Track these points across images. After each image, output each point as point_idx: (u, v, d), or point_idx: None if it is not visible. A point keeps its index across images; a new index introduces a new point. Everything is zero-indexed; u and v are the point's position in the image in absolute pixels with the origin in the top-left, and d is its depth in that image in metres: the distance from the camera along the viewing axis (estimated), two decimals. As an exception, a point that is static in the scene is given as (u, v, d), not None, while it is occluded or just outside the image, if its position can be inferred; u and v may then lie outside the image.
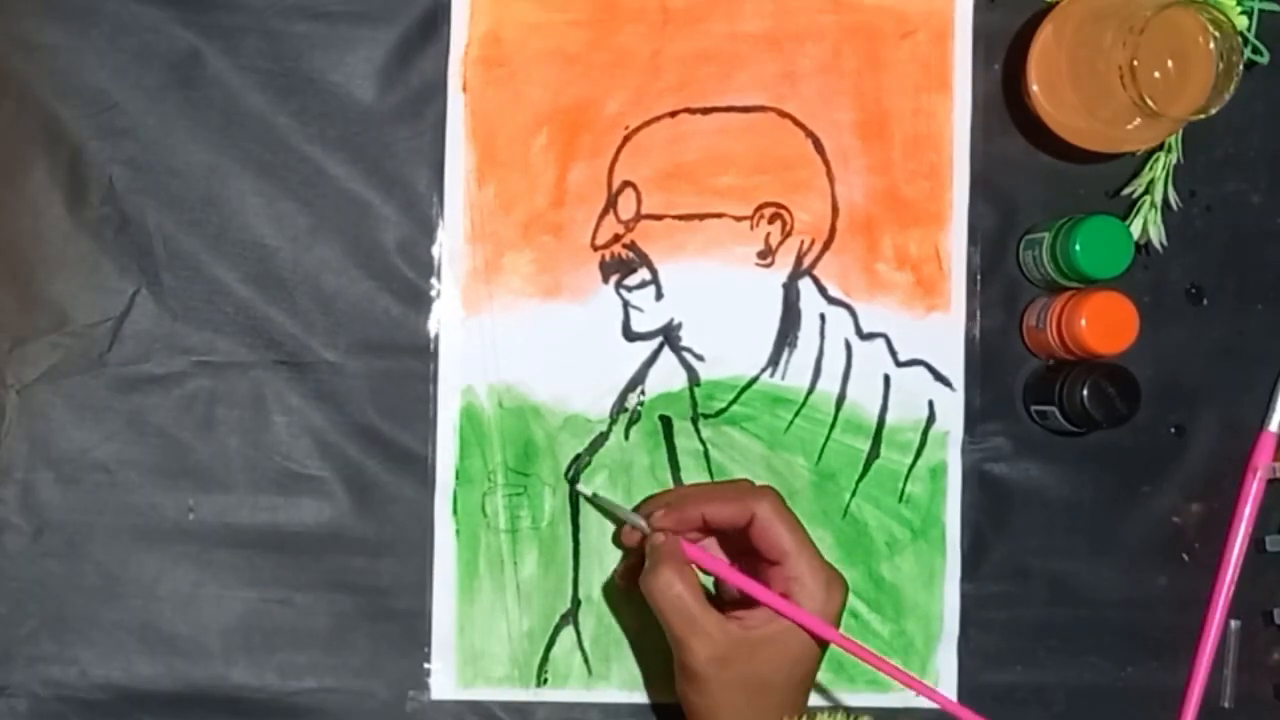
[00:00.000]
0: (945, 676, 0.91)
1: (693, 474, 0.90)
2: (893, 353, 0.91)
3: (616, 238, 0.91)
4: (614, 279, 0.90)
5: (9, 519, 0.88)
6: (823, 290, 0.91)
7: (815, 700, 0.90)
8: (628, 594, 0.89)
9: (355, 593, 0.89)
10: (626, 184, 0.90)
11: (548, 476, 0.90)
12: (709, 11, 0.91)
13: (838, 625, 0.83)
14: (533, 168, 0.90)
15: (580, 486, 0.90)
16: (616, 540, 0.90)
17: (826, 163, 0.91)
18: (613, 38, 0.91)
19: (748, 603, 0.83)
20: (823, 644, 0.83)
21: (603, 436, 0.90)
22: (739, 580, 0.84)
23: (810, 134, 0.91)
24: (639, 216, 0.90)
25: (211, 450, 0.89)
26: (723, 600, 0.87)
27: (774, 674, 0.82)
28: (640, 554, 0.86)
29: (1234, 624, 0.92)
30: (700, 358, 0.91)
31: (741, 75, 0.91)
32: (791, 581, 0.82)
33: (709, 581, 0.89)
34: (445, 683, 0.89)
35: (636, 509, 0.89)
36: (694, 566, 0.85)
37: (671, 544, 0.85)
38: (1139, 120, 0.86)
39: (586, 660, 0.90)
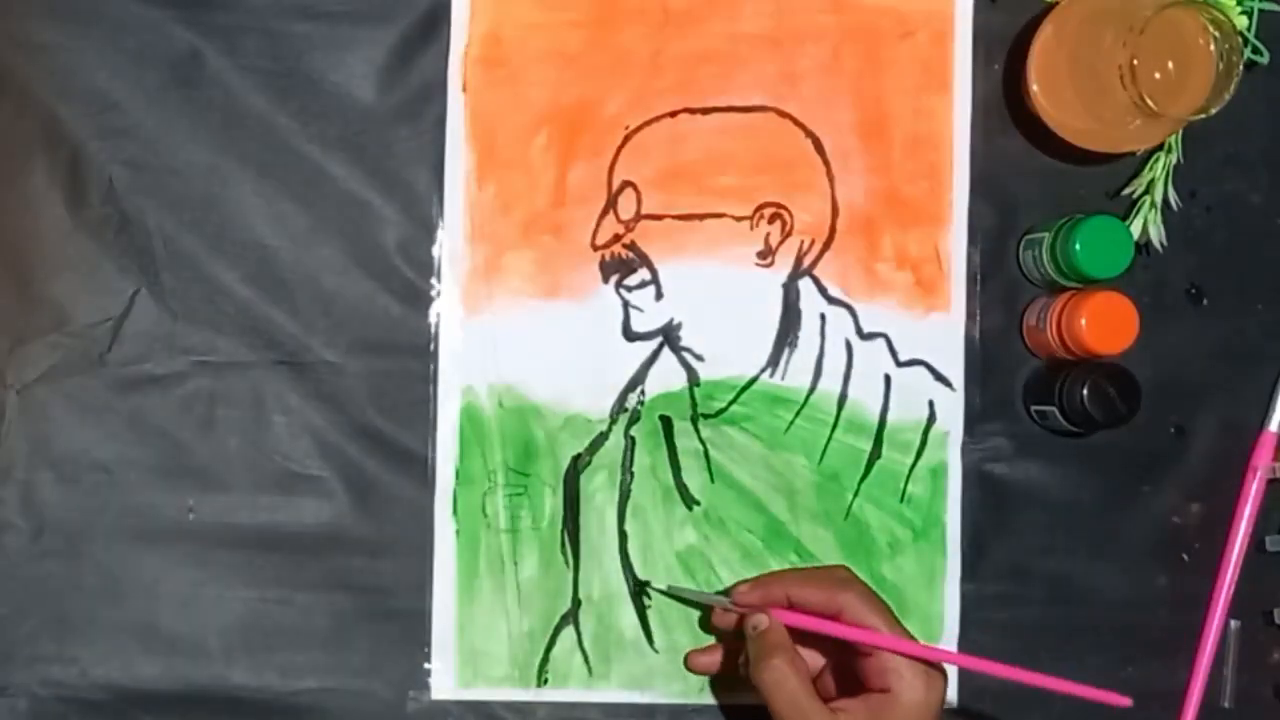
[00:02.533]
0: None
1: (693, 474, 0.90)
2: (893, 353, 0.91)
3: (616, 238, 0.91)
4: (614, 279, 0.90)
5: (9, 519, 0.88)
6: (823, 290, 0.91)
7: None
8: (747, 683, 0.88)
9: (355, 593, 0.89)
10: (626, 184, 0.90)
11: (548, 476, 0.90)
12: (709, 11, 0.91)
13: (938, 716, 0.81)
14: (533, 168, 0.90)
15: (654, 585, 0.90)
16: (704, 626, 0.90)
17: (826, 163, 0.91)
18: (613, 38, 0.91)
19: (843, 693, 0.82)
20: None
21: (603, 436, 0.90)
22: (861, 635, 0.82)
23: (810, 134, 0.91)
24: (639, 216, 0.90)
25: (211, 450, 0.89)
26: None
27: None
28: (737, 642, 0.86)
29: (1234, 624, 0.92)
30: (700, 358, 0.91)
31: (741, 75, 0.91)
32: (889, 673, 0.80)
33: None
34: (445, 683, 0.89)
35: (722, 594, 0.88)
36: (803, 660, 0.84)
37: (777, 632, 0.83)
38: (1139, 120, 0.86)
39: (586, 660, 0.90)
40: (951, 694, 0.91)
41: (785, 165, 0.91)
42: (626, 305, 0.90)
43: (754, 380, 0.91)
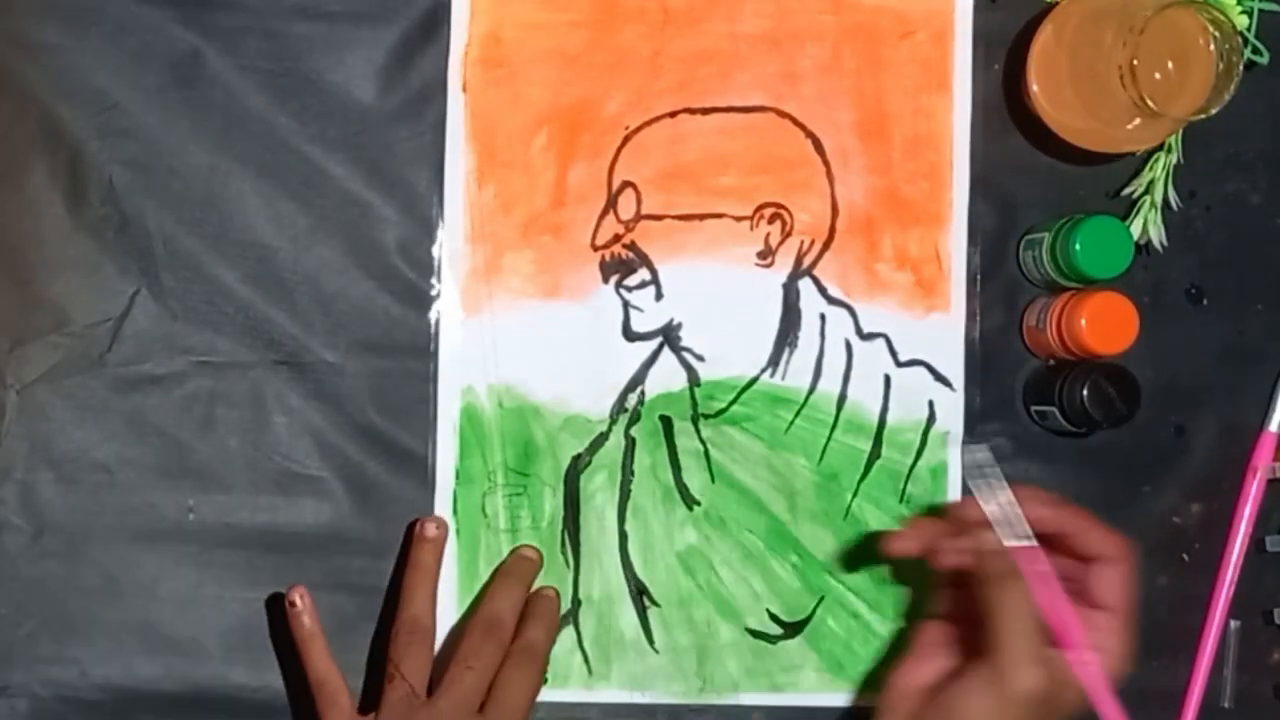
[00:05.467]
0: (945, 676, 0.91)
1: (693, 474, 0.90)
2: (893, 353, 0.91)
3: (616, 238, 0.91)
4: (614, 279, 0.90)
5: (9, 519, 0.88)
6: (823, 290, 0.91)
7: (811, 701, 0.90)
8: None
9: (355, 593, 0.89)
10: (626, 184, 0.90)
11: (548, 476, 0.90)
12: (709, 11, 0.91)
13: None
14: (533, 168, 0.90)
15: (977, 452, 0.86)
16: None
17: (826, 163, 0.91)
18: (613, 38, 0.91)
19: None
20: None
21: (603, 436, 0.90)
22: (1067, 614, 0.80)
23: (810, 134, 0.91)
24: (639, 216, 0.91)
25: (211, 450, 0.89)
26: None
27: None
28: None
29: (1234, 624, 0.92)
30: (700, 358, 0.91)
31: (741, 75, 0.91)
32: (1099, 633, 0.80)
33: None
34: (445, 683, 0.89)
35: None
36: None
37: (1035, 558, 0.80)
38: (1139, 120, 0.86)
39: (586, 660, 0.90)
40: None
41: (785, 165, 0.91)
42: (626, 305, 0.90)
43: (754, 380, 0.91)
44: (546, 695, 0.89)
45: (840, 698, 0.90)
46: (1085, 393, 0.87)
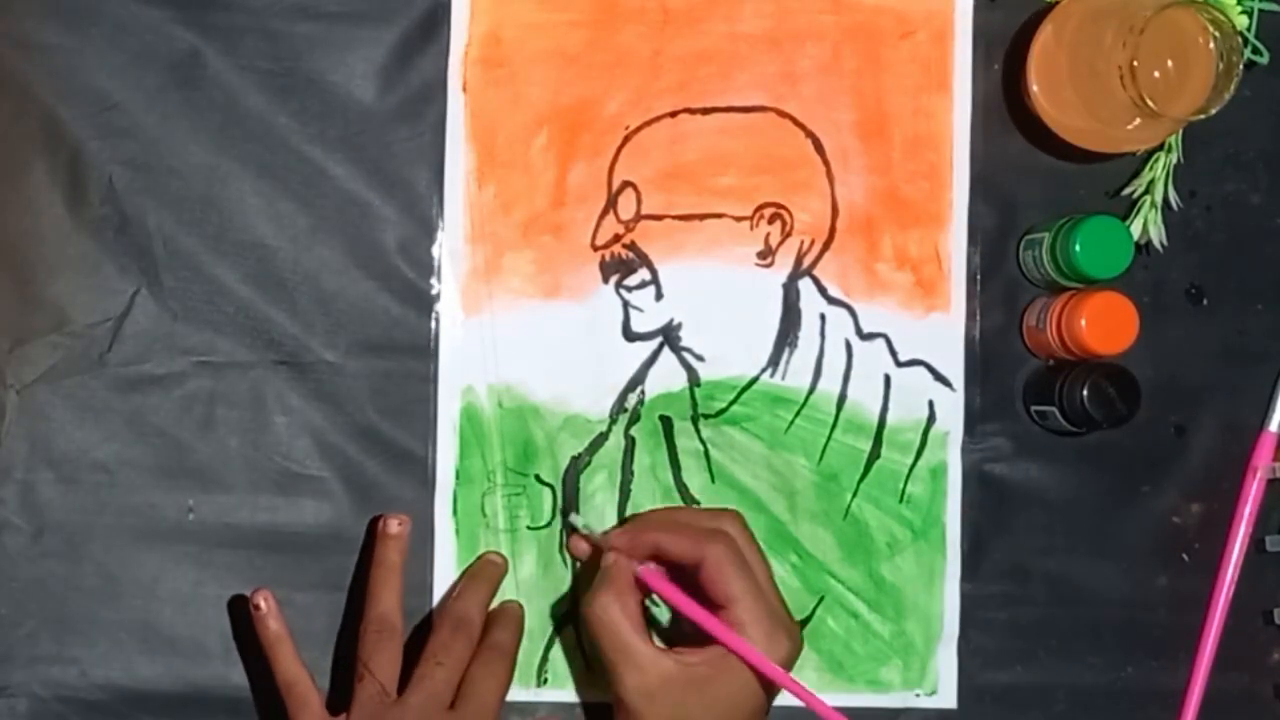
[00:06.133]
0: (945, 676, 0.91)
1: (693, 474, 0.90)
2: (893, 353, 0.91)
3: (616, 238, 0.91)
4: (614, 279, 0.90)
5: (9, 519, 0.88)
6: (823, 290, 0.91)
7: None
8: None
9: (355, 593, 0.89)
10: (626, 184, 0.90)
11: (547, 476, 0.90)
12: (709, 11, 0.91)
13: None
14: (533, 168, 0.90)
15: (573, 517, 0.89)
16: (563, 553, 0.90)
17: (826, 163, 0.91)
18: (613, 38, 0.91)
19: (702, 641, 0.82)
20: (768, 694, 0.82)
21: (603, 436, 0.90)
22: (689, 608, 0.82)
23: (810, 134, 0.91)
24: (639, 216, 0.91)
25: (211, 450, 0.89)
26: (681, 636, 0.85)
27: (706, 717, 0.81)
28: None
29: (1234, 624, 0.92)
30: (700, 358, 0.91)
31: (741, 75, 0.91)
32: (734, 627, 0.81)
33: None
34: (445, 683, 0.89)
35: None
36: (641, 596, 0.84)
37: (620, 567, 0.83)
38: (1139, 120, 0.86)
39: (586, 660, 0.90)
40: (950, 695, 0.91)
41: (785, 165, 0.91)
42: (626, 305, 0.90)
43: (754, 380, 0.91)
44: (547, 695, 0.89)
45: (840, 698, 0.90)
46: (1085, 393, 0.87)
